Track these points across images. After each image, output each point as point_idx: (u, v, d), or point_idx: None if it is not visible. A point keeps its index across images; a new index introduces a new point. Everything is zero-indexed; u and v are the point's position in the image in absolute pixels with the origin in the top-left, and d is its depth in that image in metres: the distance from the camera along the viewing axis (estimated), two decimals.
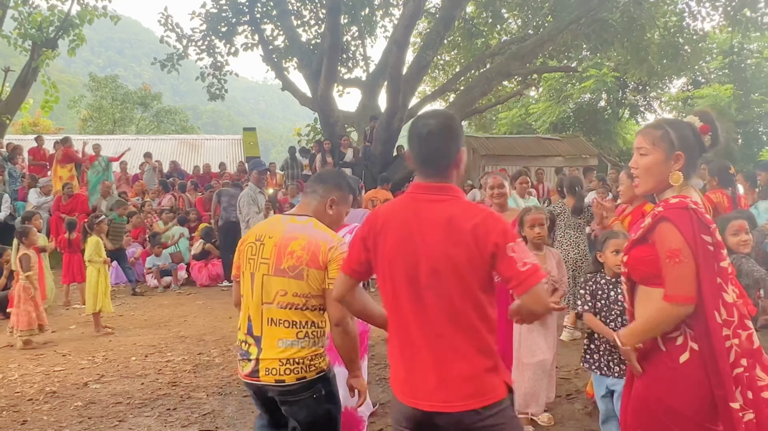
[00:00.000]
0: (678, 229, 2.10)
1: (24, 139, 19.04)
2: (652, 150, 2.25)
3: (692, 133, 2.25)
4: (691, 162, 2.24)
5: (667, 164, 2.23)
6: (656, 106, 24.45)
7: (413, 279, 2.03)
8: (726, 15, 16.38)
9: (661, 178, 2.26)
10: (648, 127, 2.34)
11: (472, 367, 1.99)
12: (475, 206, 2.08)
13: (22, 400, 4.93)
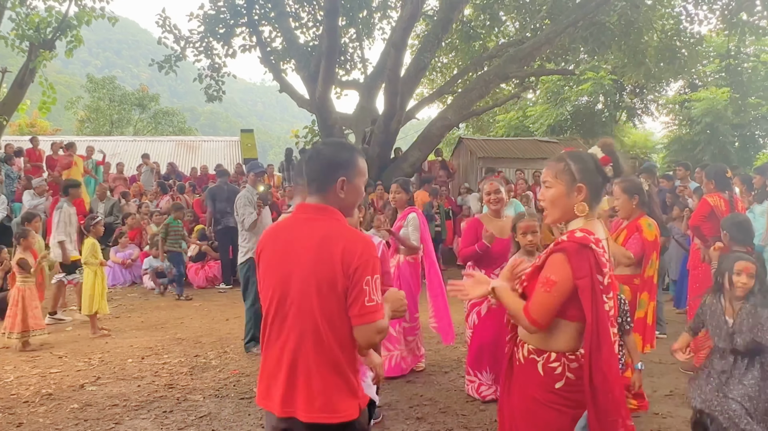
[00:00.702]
0: (569, 264, 2.18)
1: (21, 140, 19.00)
2: (555, 183, 2.33)
3: (594, 165, 2.33)
4: (595, 192, 2.31)
5: (570, 196, 2.30)
6: (653, 109, 24.50)
7: (283, 295, 2.14)
8: (723, 18, 16.42)
9: (566, 209, 2.32)
10: (551, 161, 2.40)
11: (326, 385, 2.08)
12: (350, 230, 2.16)
13: (18, 402, 4.91)
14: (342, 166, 2.22)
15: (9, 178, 12.31)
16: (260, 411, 4.60)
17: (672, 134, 23.32)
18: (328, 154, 2.24)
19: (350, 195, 2.25)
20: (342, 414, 2.09)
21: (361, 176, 2.28)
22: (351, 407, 2.11)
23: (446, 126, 15.43)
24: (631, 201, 4.31)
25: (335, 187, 2.20)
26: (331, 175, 2.20)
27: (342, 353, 2.10)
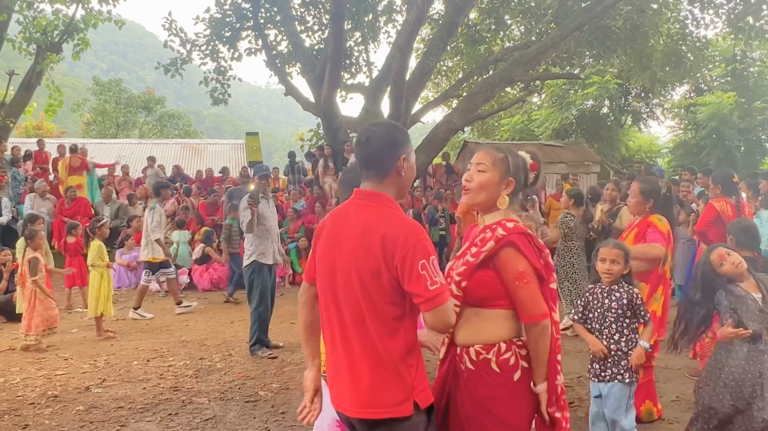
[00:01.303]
0: (522, 253, 2.21)
1: (27, 142, 19.10)
2: (491, 168, 2.35)
3: (524, 167, 2.41)
4: (516, 191, 2.38)
5: (499, 186, 2.34)
6: (659, 113, 24.44)
7: (332, 284, 2.11)
8: (729, 22, 16.41)
9: (491, 197, 2.35)
10: (491, 147, 2.43)
11: (373, 378, 2.02)
12: (395, 216, 2.08)
13: (24, 404, 4.93)
14: (401, 143, 2.18)
15: (15, 180, 12.37)
16: (266, 415, 4.61)
17: (677, 138, 23.26)
18: (386, 134, 2.18)
19: (409, 172, 2.23)
20: (390, 410, 2.00)
21: (412, 155, 2.28)
22: (401, 403, 2.01)
23: (451, 130, 15.45)
24: (645, 203, 4.29)
25: (398, 165, 2.16)
26: (393, 154, 2.15)
27: (389, 346, 2.01)
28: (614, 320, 3.47)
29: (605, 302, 3.51)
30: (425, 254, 1.98)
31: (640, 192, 4.31)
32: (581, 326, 3.64)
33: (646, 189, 4.32)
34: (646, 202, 4.29)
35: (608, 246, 3.57)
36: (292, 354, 6.25)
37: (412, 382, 2.03)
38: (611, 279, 3.52)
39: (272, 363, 6.03)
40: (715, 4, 16.40)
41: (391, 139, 2.16)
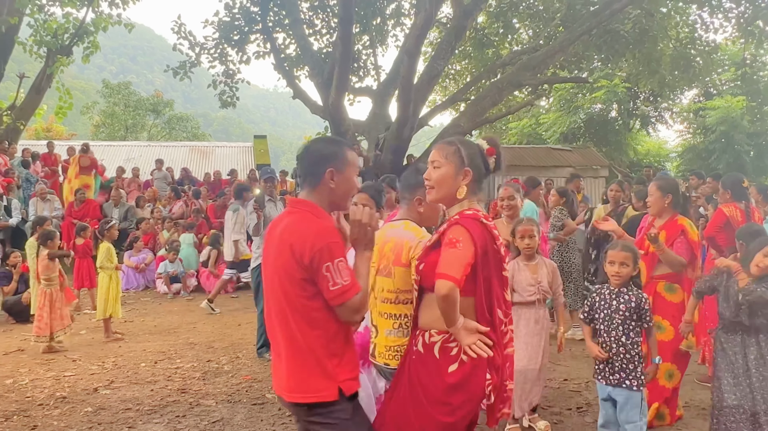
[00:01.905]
0: (467, 231, 2.30)
1: (37, 144, 19.21)
2: (445, 163, 2.44)
3: (480, 154, 2.47)
4: (478, 179, 2.46)
5: (456, 178, 2.42)
6: (667, 117, 24.31)
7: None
8: (739, 26, 16.32)
9: (451, 190, 2.43)
10: (442, 143, 2.51)
11: (296, 366, 2.22)
12: (309, 221, 2.25)
13: (33, 405, 4.95)
14: (329, 157, 2.34)
15: (28, 182, 12.44)
16: (273, 417, 4.61)
17: (686, 143, 23.12)
18: (316, 149, 2.40)
19: (341, 185, 2.35)
20: (314, 395, 2.19)
21: (351, 166, 2.38)
22: (326, 388, 2.19)
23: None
24: (663, 199, 4.27)
25: (326, 178, 2.31)
26: (322, 168, 2.32)
27: (308, 337, 2.20)
28: (621, 322, 3.47)
29: (613, 304, 3.50)
30: (330, 257, 2.15)
31: (657, 188, 4.30)
32: (587, 327, 3.66)
33: (663, 185, 4.32)
34: (665, 196, 4.28)
35: (617, 248, 3.56)
36: None
37: (334, 370, 2.21)
38: (620, 281, 3.51)
39: None
40: (725, 8, 16.31)
41: (321, 155, 2.36)
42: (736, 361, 3.50)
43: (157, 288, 10.54)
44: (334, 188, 2.34)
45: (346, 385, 2.23)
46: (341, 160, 2.35)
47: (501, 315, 2.38)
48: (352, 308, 2.19)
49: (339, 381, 2.21)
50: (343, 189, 2.36)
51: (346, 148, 2.40)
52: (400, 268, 2.85)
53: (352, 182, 2.39)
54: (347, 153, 2.38)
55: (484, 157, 2.48)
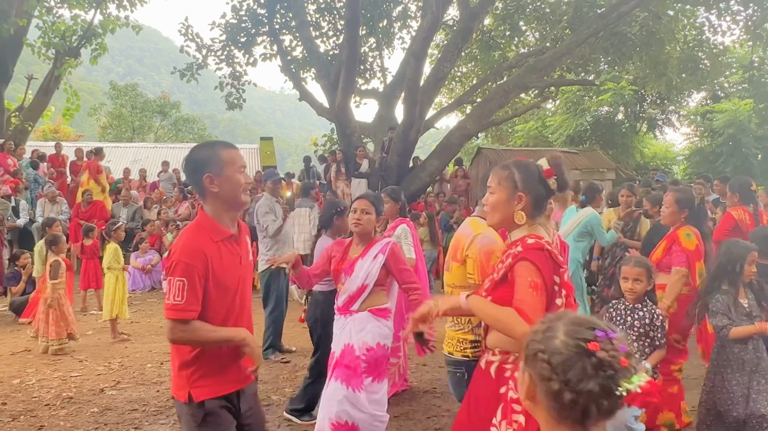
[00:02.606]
0: (537, 268, 2.21)
1: (45, 145, 19.31)
2: (497, 189, 2.40)
3: (538, 176, 2.37)
4: (537, 202, 2.36)
5: (510, 203, 2.36)
6: (674, 120, 24.22)
7: None
8: (746, 29, 16.26)
9: (505, 216, 2.38)
10: (497, 168, 2.47)
11: (172, 363, 2.44)
12: (184, 234, 2.38)
13: (39, 405, 4.97)
14: (203, 164, 2.36)
15: (36, 183, 12.50)
16: (278, 419, 4.61)
17: (693, 146, 23.03)
18: (190, 160, 2.41)
19: (224, 186, 2.37)
20: (174, 391, 2.42)
21: (230, 165, 2.38)
22: (179, 389, 2.37)
23: (465, 135, 15.41)
24: (680, 213, 4.25)
25: (205, 185, 2.35)
26: (198, 177, 2.36)
27: (178, 347, 2.38)
28: (635, 339, 3.44)
29: (627, 320, 3.47)
30: (172, 273, 2.27)
31: (675, 201, 4.25)
32: None
33: (681, 198, 4.26)
34: (681, 212, 4.25)
35: (630, 264, 3.52)
36: (305, 359, 6.24)
37: (190, 375, 2.34)
38: (635, 297, 3.48)
39: (285, 367, 6.04)
40: (732, 11, 16.25)
41: (195, 165, 2.38)
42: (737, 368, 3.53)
43: (163, 289, 10.55)
44: (218, 192, 2.37)
45: (197, 392, 2.34)
46: (216, 163, 2.36)
47: None
48: (172, 328, 2.29)
49: (191, 386, 2.34)
50: (228, 190, 2.38)
51: (219, 149, 2.40)
52: (455, 264, 3.00)
53: (235, 180, 2.38)
54: (221, 153, 2.38)
55: (542, 177, 2.38)
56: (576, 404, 1.23)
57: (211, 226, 2.38)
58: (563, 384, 1.23)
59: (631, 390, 1.21)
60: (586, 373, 1.22)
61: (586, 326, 1.28)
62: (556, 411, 1.27)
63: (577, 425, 1.26)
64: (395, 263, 3.55)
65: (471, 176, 15.95)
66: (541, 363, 1.28)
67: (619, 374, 1.22)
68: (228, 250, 2.40)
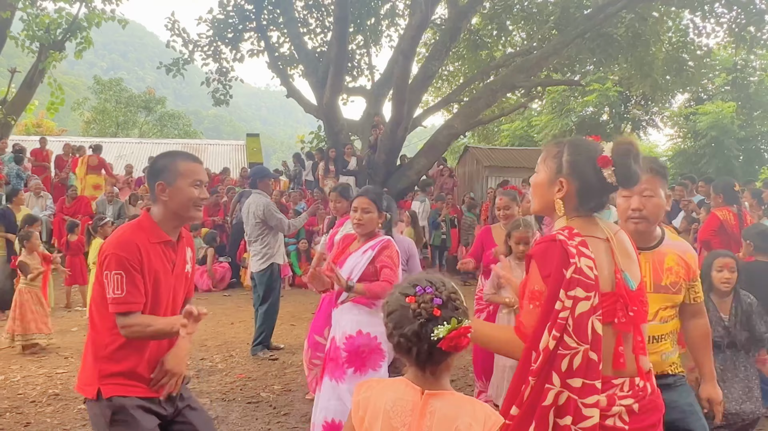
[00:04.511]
0: (538, 269, 1.88)
1: (28, 139, 19.08)
2: (542, 168, 2.02)
3: (591, 163, 1.91)
4: (584, 195, 1.92)
5: (550, 188, 1.96)
6: (658, 121, 24.51)
7: None
8: (730, 32, 16.47)
9: (545, 202, 2.00)
10: (551, 141, 2.13)
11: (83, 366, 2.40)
12: (120, 229, 2.41)
13: (25, 402, 4.92)
14: (158, 172, 2.41)
15: (19, 178, 12.34)
16: (268, 416, 4.61)
17: (676, 147, 23.33)
18: (151, 164, 2.50)
19: (174, 197, 2.40)
20: (81, 387, 2.38)
21: (185, 177, 2.41)
22: (87, 385, 2.34)
23: (452, 134, 15.47)
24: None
25: (156, 191, 2.40)
26: (152, 183, 2.42)
27: (93, 340, 2.36)
28: None
29: None
30: (108, 267, 2.26)
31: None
32: None
33: None
34: None
35: None
36: (293, 356, 6.25)
37: (102, 370, 2.30)
38: None
39: (273, 364, 6.04)
40: (717, 14, 16.46)
41: (152, 170, 2.46)
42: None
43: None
44: (167, 201, 2.39)
45: (107, 389, 2.29)
46: (170, 172, 2.40)
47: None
48: (122, 323, 2.27)
49: (101, 382, 2.30)
50: (177, 201, 2.40)
51: (178, 160, 2.43)
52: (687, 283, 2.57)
53: (185, 193, 2.40)
54: (178, 164, 2.41)
55: (595, 167, 1.90)
56: (401, 345, 1.54)
57: (151, 227, 2.40)
58: (393, 328, 1.55)
59: (440, 336, 1.47)
60: (407, 320, 1.52)
61: (412, 283, 1.57)
62: (395, 350, 1.58)
63: (415, 366, 1.56)
64: (380, 259, 3.44)
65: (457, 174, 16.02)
66: (384, 314, 1.60)
67: (431, 322, 1.49)
68: (162, 253, 2.40)
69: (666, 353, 2.48)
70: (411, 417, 1.53)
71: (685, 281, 2.44)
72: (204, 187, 2.47)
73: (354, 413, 1.62)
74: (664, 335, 2.47)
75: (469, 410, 1.54)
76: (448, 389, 1.59)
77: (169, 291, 2.44)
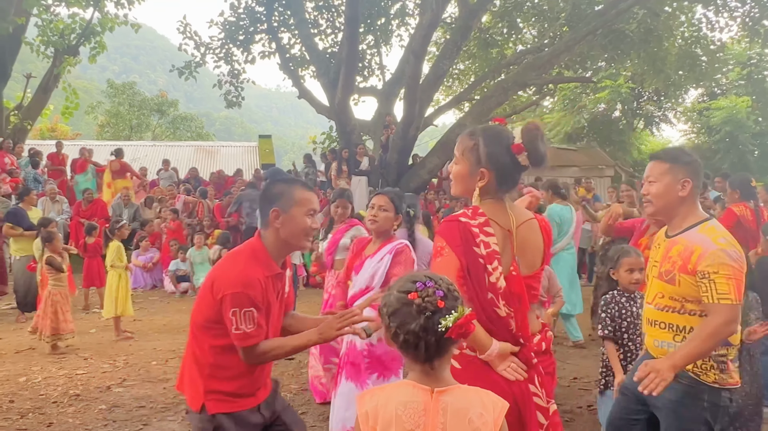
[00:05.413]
0: (443, 238, 2.14)
1: (43, 144, 19.29)
2: (461, 160, 2.24)
3: (507, 151, 2.15)
4: (502, 178, 2.18)
5: (472, 177, 2.20)
6: (671, 117, 24.34)
7: None
8: (744, 26, 16.33)
9: (467, 188, 2.24)
10: (464, 134, 2.28)
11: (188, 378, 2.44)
12: (233, 261, 2.35)
13: (47, 403, 4.99)
14: (275, 197, 2.38)
15: (36, 182, 12.50)
16: None
17: (690, 142, 23.15)
18: (266, 189, 2.48)
19: (288, 224, 2.37)
20: (188, 398, 2.43)
21: (301, 206, 2.38)
22: (194, 401, 2.38)
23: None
24: None
25: (270, 218, 2.36)
26: (266, 208, 2.38)
27: (198, 358, 2.38)
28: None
29: (632, 310, 3.48)
30: (234, 305, 2.24)
31: None
32: (612, 346, 3.47)
33: None
34: None
35: (632, 256, 3.51)
36: (309, 356, 6.27)
37: (206, 387, 2.35)
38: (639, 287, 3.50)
39: (290, 364, 6.07)
40: (730, 8, 16.34)
41: (268, 195, 2.42)
42: None
43: (165, 286, 10.60)
44: (279, 228, 2.37)
45: (210, 405, 2.35)
46: (287, 199, 2.38)
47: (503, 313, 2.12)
48: (251, 354, 2.31)
49: (206, 398, 2.35)
50: (289, 229, 2.37)
51: (295, 188, 2.41)
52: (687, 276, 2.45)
53: (299, 222, 2.38)
54: (295, 192, 2.40)
55: (511, 155, 2.15)
56: (408, 343, 1.56)
57: (266, 260, 2.39)
58: (397, 328, 1.57)
59: (449, 325, 1.52)
60: (411, 317, 1.54)
61: (411, 280, 1.60)
62: (401, 350, 1.60)
63: (420, 361, 1.58)
64: (393, 266, 3.39)
65: None
66: (384, 315, 1.61)
67: (437, 314, 1.53)
68: (273, 286, 2.41)
69: (660, 341, 2.53)
70: (425, 417, 1.56)
71: (681, 274, 2.42)
72: (315, 217, 2.46)
73: (363, 424, 1.61)
74: (659, 322, 2.53)
75: (477, 400, 1.60)
76: (454, 383, 1.62)
77: (276, 317, 2.48)
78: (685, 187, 2.48)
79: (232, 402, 2.37)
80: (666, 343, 2.50)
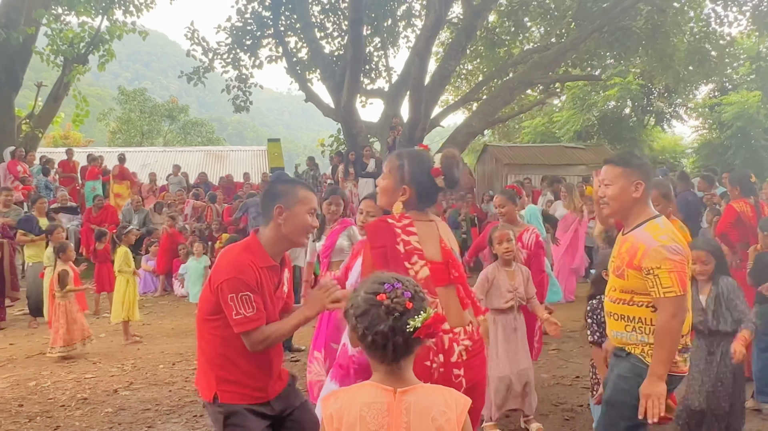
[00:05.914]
0: (368, 240, 2.49)
1: (55, 151, 19.52)
2: (388, 176, 2.58)
3: (426, 174, 2.50)
4: (422, 197, 2.52)
5: (396, 192, 2.53)
6: (682, 113, 24.14)
7: None
8: (754, 20, 16.19)
9: (391, 201, 2.55)
10: (394, 154, 2.64)
11: (201, 372, 2.57)
12: (230, 253, 2.46)
13: (55, 406, 5.08)
14: (279, 195, 2.52)
15: (47, 189, 12.67)
16: None
17: (702, 138, 22.95)
18: (270, 187, 2.66)
19: (290, 220, 2.49)
20: (201, 390, 2.55)
21: (303, 204, 2.51)
22: (206, 390, 2.50)
23: (471, 133, 15.47)
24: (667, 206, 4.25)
25: (273, 214, 2.48)
26: (270, 205, 2.51)
27: (205, 351, 2.51)
28: None
29: None
30: (232, 290, 2.35)
31: (661, 196, 4.28)
32: (600, 351, 3.51)
33: (666, 192, 4.31)
34: (668, 204, 4.29)
35: None
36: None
37: (216, 377, 2.46)
38: None
39: (295, 366, 6.12)
40: (739, 2, 16.21)
41: (273, 193, 2.57)
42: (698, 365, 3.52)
43: (175, 291, 10.69)
44: (282, 224, 2.48)
45: (223, 395, 2.46)
46: (291, 197, 2.51)
47: None
48: (253, 339, 2.39)
49: (218, 387, 2.46)
50: (291, 225, 2.50)
51: (298, 187, 2.57)
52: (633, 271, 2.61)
53: (301, 218, 2.51)
54: (299, 191, 2.54)
55: (429, 176, 2.51)
56: (376, 343, 1.58)
57: (258, 251, 2.49)
58: (365, 329, 1.60)
59: (417, 326, 1.56)
60: (379, 318, 1.58)
61: (379, 282, 1.63)
62: (368, 351, 1.63)
63: (387, 361, 1.61)
64: None
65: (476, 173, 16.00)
66: (350, 316, 1.64)
67: (405, 315, 1.57)
68: (268, 277, 2.50)
69: (615, 332, 2.71)
70: (388, 417, 1.59)
71: (628, 269, 2.59)
72: (315, 216, 2.60)
73: (328, 426, 1.65)
74: (613, 313, 2.71)
75: (440, 398, 1.63)
76: (416, 382, 1.65)
77: (271, 312, 2.54)
78: (638, 188, 2.63)
79: (243, 394, 2.47)
80: (619, 333, 2.68)
